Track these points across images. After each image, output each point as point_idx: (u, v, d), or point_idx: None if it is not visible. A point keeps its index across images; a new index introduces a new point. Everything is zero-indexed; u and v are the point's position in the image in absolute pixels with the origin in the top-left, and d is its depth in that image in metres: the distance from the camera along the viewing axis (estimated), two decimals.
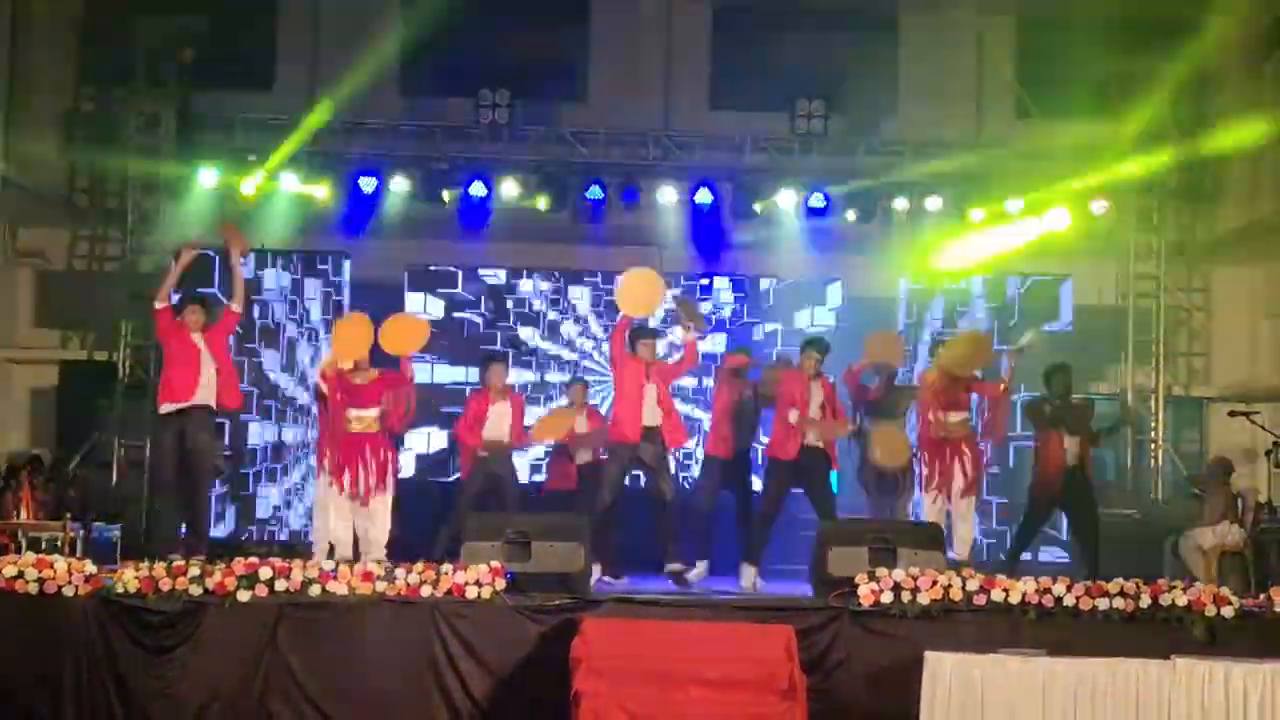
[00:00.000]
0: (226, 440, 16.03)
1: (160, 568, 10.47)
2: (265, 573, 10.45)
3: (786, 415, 13.24)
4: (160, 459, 12.47)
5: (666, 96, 18.87)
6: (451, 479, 16.02)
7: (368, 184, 17.23)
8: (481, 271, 17.58)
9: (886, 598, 10.64)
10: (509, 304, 17.55)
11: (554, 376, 17.24)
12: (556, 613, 10.61)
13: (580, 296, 17.62)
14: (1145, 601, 10.67)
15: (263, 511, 16.79)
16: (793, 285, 17.75)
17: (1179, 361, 19.11)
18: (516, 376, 16.57)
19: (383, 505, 12.48)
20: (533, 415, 15.12)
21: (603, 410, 15.40)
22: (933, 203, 17.73)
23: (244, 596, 10.37)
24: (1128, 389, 18.28)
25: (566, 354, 17.48)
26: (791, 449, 13.20)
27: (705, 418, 15.74)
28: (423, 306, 17.19)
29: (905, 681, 9.95)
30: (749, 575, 13.13)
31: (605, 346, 17.01)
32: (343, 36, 18.25)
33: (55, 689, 10.24)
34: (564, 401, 15.35)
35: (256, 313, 16.84)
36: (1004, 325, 17.44)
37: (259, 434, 16.79)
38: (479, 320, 17.47)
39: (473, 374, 16.31)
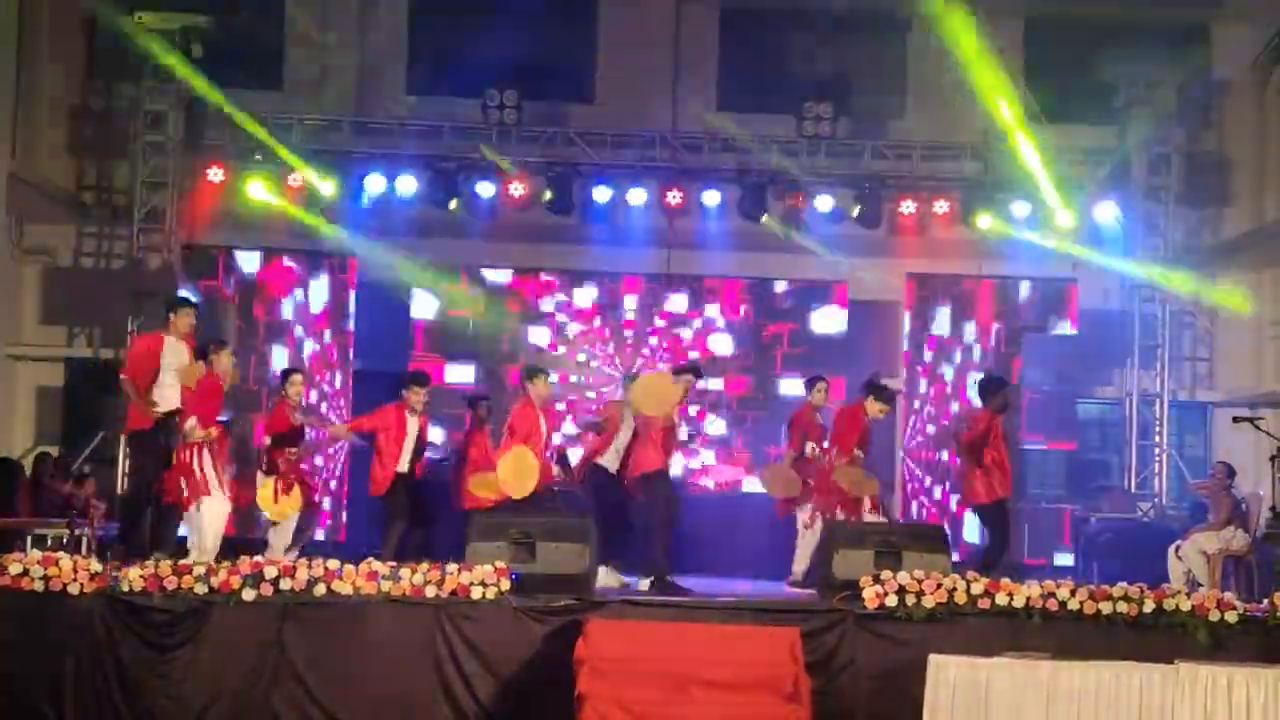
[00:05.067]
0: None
1: (166, 566, 10.46)
2: (270, 572, 10.44)
3: None
4: (145, 465, 12.29)
5: (674, 98, 18.88)
6: None
7: (375, 184, 17.29)
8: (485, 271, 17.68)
9: (891, 601, 10.64)
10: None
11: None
12: (561, 614, 10.59)
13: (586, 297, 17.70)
14: (1149, 606, 10.66)
15: None
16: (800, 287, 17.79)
17: (1184, 366, 19.10)
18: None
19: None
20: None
21: None
22: (940, 205, 17.75)
23: (249, 595, 10.35)
24: (1132, 393, 18.29)
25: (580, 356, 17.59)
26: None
27: None
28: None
29: (910, 684, 9.94)
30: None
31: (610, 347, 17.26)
32: (351, 35, 18.29)
33: (59, 687, 10.22)
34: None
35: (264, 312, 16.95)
36: (1011, 328, 17.53)
37: None
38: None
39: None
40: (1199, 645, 10.50)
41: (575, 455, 14.66)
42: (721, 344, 17.68)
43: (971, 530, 16.32)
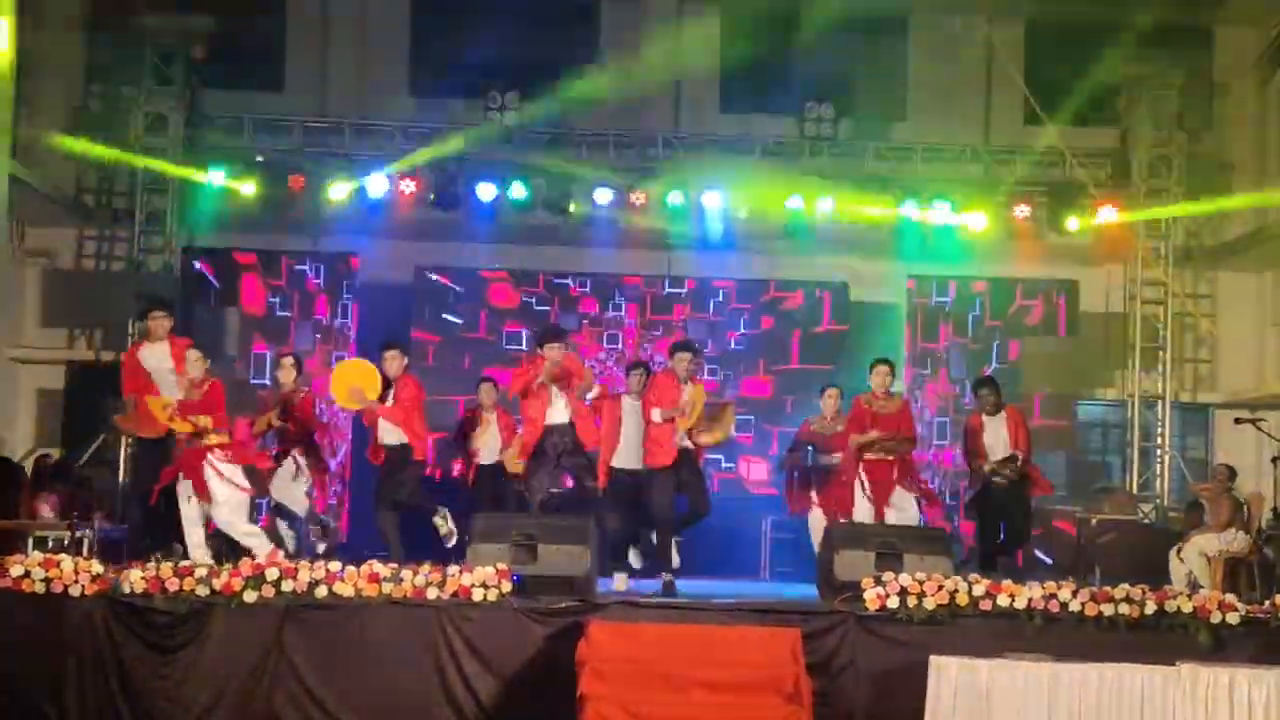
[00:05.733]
0: None
1: (167, 568, 10.47)
2: (272, 573, 10.44)
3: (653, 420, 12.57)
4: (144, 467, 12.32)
5: (676, 99, 18.86)
6: None
7: (376, 185, 17.27)
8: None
9: (893, 602, 10.64)
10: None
11: None
12: (562, 615, 10.60)
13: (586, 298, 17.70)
14: (1150, 608, 10.68)
15: None
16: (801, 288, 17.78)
17: (1185, 367, 19.09)
18: None
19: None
20: None
21: None
22: (940, 207, 17.73)
23: (250, 597, 10.36)
24: (1134, 394, 18.28)
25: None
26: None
27: None
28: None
29: (911, 686, 9.94)
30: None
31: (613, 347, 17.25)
32: (352, 37, 18.29)
33: (61, 688, 10.25)
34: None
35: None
36: (1013, 329, 17.54)
37: None
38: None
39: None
40: (1200, 646, 10.51)
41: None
42: (723, 346, 17.66)
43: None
